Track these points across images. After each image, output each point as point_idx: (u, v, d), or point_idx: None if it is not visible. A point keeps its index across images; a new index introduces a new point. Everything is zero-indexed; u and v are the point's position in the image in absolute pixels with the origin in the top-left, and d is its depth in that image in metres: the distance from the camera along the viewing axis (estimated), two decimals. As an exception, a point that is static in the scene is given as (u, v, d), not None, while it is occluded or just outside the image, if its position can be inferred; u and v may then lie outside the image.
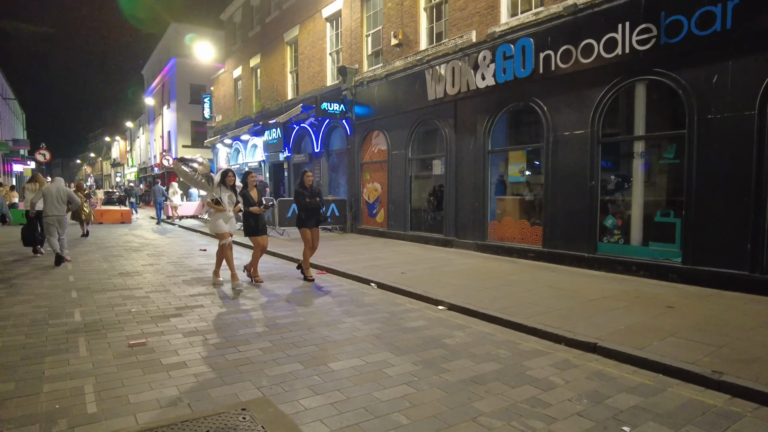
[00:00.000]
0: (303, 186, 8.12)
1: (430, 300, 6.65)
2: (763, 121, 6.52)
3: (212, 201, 7.50)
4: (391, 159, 13.44)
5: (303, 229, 8.18)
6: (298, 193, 8.08)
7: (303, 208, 8.11)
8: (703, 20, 6.93)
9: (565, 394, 3.73)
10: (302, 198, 8.04)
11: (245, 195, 7.84)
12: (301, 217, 8.21)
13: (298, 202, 8.13)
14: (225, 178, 7.56)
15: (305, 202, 8.04)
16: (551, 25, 8.91)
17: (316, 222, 8.31)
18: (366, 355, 4.51)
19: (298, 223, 8.26)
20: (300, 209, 8.17)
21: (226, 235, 7.54)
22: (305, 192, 8.08)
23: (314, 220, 8.24)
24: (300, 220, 8.22)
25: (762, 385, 3.72)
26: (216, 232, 7.64)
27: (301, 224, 8.20)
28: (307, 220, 8.15)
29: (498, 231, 10.59)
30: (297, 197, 8.13)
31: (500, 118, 10.44)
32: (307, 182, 8.13)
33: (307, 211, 8.11)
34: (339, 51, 16.04)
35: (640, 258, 7.92)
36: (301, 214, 8.19)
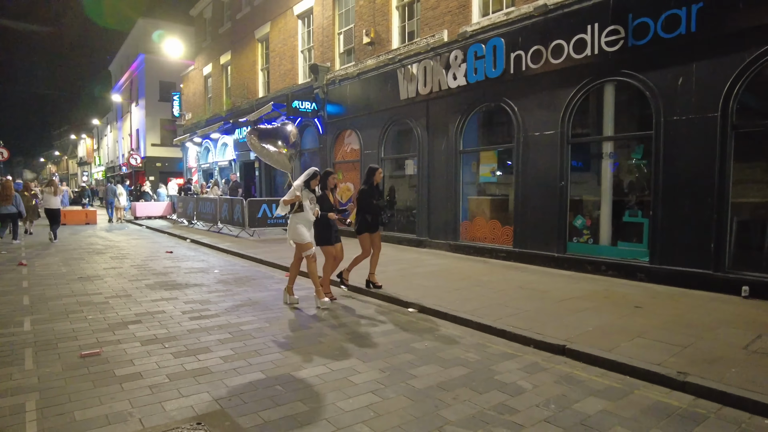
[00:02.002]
0: (371, 185, 7.08)
1: (400, 302, 6.55)
2: (725, 123, 6.64)
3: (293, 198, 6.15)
4: (363, 158, 13.30)
5: (364, 235, 7.08)
6: (366, 193, 7.03)
7: (371, 210, 7.02)
8: (668, 23, 7.02)
9: (533, 399, 3.67)
10: (370, 198, 7.01)
11: (323, 197, 6.63)
12: (365, 221, 7.04)
13: (365, 202, 7.02)
14: (312, 181, 6.36)
15: (374, 204, 7.02)
16: (522, 25, 8.92)
17: (378, 225, 7.22)
18: (331, 363, 4.37)
19: (360, 228, 7.07)
20: (368, 212, 7.02)
21: (310, 245, 6.36)
22: (374, 192, 7.10)
23: (378, 223, 7.18)
24: (364, 225, 7.06)
25: (724, 386, 3.74)
26: (297, 242, 6.35)
27: (364, 229, 7.07)
28: (372, 224, 7.08)
29: (470, 231, 10.57)
30: (365, 197, 7.03)
31: (472, 118, 10.42)
32: (377, 180, 7.12)
33: (375, 214, 7.08)
34: (311, 49, 15.82)
35: (609, 258, 7.99)
36: (367, 218, 7.03)
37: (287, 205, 6.16)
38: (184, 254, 11.69)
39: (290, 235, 6.41)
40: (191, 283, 8.06)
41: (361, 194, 7.12)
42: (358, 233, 7.14)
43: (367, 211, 7.02)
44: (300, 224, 6.30)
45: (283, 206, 6.17)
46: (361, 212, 7.08)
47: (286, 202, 6.14)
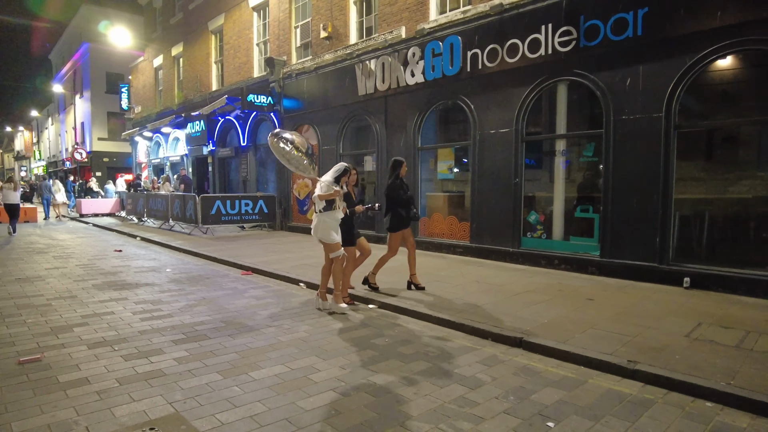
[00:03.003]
0: (400, 178, 6.72)
1: (360, 299, 6.52)
2: (669, 123, 6.97)
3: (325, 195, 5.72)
4: (322, 154, 13.16)
5: (398, 233, 6.69)
6: (396, 187, 6.65)
7: (403, 204, 6.65)
8: (617, 26, 7.29)
9: (493, 391, 3.73)
10: (401, 191, 6.64)
11: (347, 195, 6.27)
12: (400, 216, 6.63)
13: (396, 196, 6.63)
14: (343, 177, 5.94)
15: (405, 198, 6.67)
16: (478, 24, 9.05)
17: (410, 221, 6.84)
18: (291, 361, 4.29)
19: (395, 225, 6.66)
20: (400, 206, 6.63)
21: (339, 246, 5.97)
22: (403, 185, 6.75)
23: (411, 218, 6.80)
24: (398, 220, 6.65)
25: (670, 372, 3.92)
26: (326, 242, 5.91)
27: (400, 225, 6.68)
28: (406, 220, 6.70)
29: (428, 227, 10.66)
30: (395, 191, 6.64)
31: (430, 116, 10.50)
32: (403, 173, 6.76)
33: (407, 208, 6.71)
34: (266, 42, 15.49)
35: (562, 252, 8.25)
36: (401, 213, 6.63)
37: (322, 201, 5.75)
38: (134, 253, 11.21)
39: (320, 234, 5.89)
40: (142, 282, 7.74)
41: (390, 188, 6.68)
42: (392, 231, 6.72)
43: (399, 205, 6.61)
44: (330, 223, 5.86)
45: (318, 202, 5.77)
46: (392, 207, 6.65)
47: (322, 197, 5.71)
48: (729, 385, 3.67)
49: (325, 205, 5.77)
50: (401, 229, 6.68)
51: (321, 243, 5.99)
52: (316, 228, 5.90)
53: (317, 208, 5.79)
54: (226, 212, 14.01)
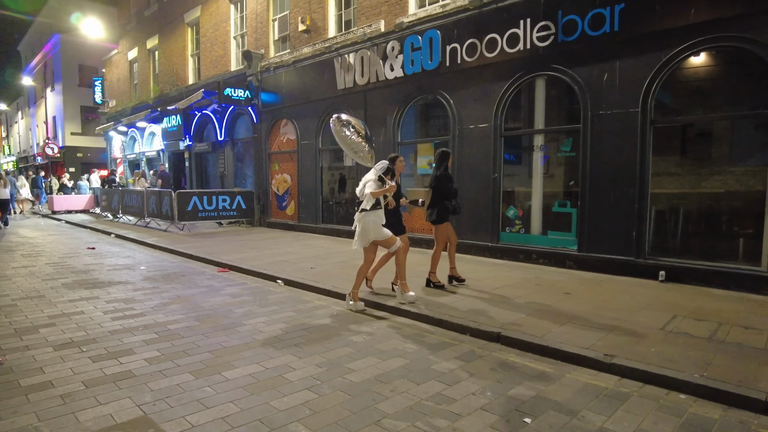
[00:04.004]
0: (447, 169, 6.63)
1: (339, 295, 6.44)
2: (645, 118, 7.03)
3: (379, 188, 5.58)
4: (300, 149, 13.01)
5: (445, 224, 6.65)
6: (446, 178, 6.54)
7: (452, 195, 6.60)
8: (595, 21, 7.32)
9: (470, 387, 3.70)
10: (450, 183, 6.56)
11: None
12: (446, 208, 6.57)
13: (445, 188, 6.52)
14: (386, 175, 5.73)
15: (455, 190, 6.65)
16: (457, 18, 9.00)
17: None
18: (266, 360, 4.20)
19: (442, 216, 6.57)
20: (447, 197, 6.55)
21: (395, 239, 5.84)
22: (451, 177, 6.69)
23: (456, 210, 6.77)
24: (446, 212, 6.58)
25: (645, 365, 3.95)
26: (380, 239, 5.77)
27: (446, 217, 6.62)
28: (452, 211, 6.67)
29: (408, 222, 10.60)
30: (444, 182, 6.52)
31: (409, 110, 10.44)
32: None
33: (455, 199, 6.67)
34: (244, 35, 15.22)
35: (540, 246, 8.29)
36: (447, 204, 6.56)
37: (374, 198, 5.61)
38: (107, 250, 10.93)
39: (374, 236, 5.72)
40: (115, 280, 7.53)
41: (440, 180, 6.54)
42: (438, 223, 6.62)
43: (447, 197, 6.53)
44: (377, 221, 5.71)
45: (370, 200, 5.60)
46: (440, 199, 6.55)
47: (375, 194, 5.57)
48: (702, 377, 3.71)
49: (374, 203, 5.65)
50: (446, 221, 6.64)
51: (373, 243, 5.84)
52: (366, 231, 5.70)
53: (365, 205, 5.64)
54: (203, 208, 13.77)
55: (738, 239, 6.93)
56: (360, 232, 5.76)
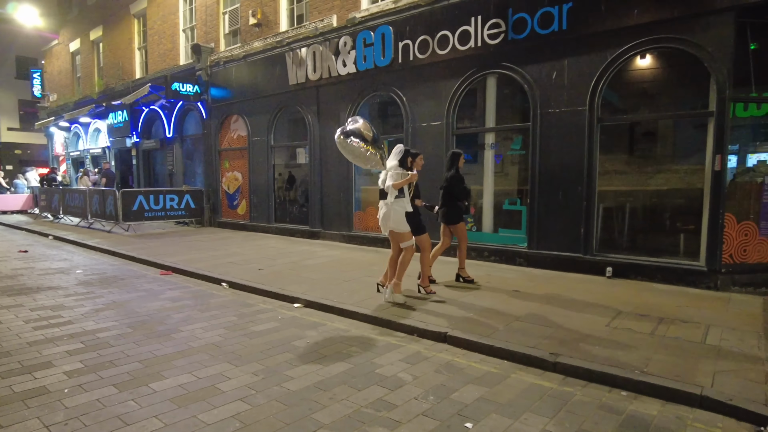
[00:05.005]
0: (458, 169, 6.61)
1: (286, 298, 6.21)
2: (592, 117, 7.12)
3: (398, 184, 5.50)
4: (252, 146, 12.62)
5: (461, 224, 6.64)
6: (458, 179, 6.52)
7: (465, 195, 6.58)
8: (544, 19, 7.36)
9: (413, 391, 3.58)
10: (462, 183, 6.55)
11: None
12: (459, 208, 6.57)
13: (458, 188, 6.50)
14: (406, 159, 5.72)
15: (467, 190, 6.63)
16: (410, 14, 8.89)
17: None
18: (199, 369, 3.94)
19: (456, 216, 6.56)
20: (460, 198, 6.54)
21: (411, 236, 5.76)
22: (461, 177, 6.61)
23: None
24: (458, 212, 6.58)
25: (589, 363, 3.94)
26: (398, 231, 5.63)
27: (461, 216, 6.62)
28: (465, 211, 6.68)
29: (363, 221, 10.46)
30: (457, 183, 6.50)
31: (363, 107, 10.27)
32: (460, 165, 6.62)
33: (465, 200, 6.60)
34: (193, 28, 14.65)
35: (492, 244, 8.30)
36: (460, 205, 6.56)
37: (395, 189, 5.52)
38: (42, 253, 10.25)
39: (392, 224, 5.62)
40: (45, 286, 7.03)
41: (453, 180, 6.52)
42: (455, 223, 6.59)
43: (459, 197, 6.53)
44: (401, 211, 5.60)
45: (392, 192, 5.52)
46: (452, 199, 6.55)
47: (397, 185, 5.49)
48: (642, 374, 3.72)
49: (398, 194, 5.55)
50: (461, 221, 6.63)
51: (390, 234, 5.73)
52: (387, 217, 5.61)
53: (389, 198, 5.54)
54: (150, 208, 13.15)
55: (679, 235, 7.13)
56: (382, 217, 5.70)
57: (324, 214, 11.02)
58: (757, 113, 6.79)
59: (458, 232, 6.69)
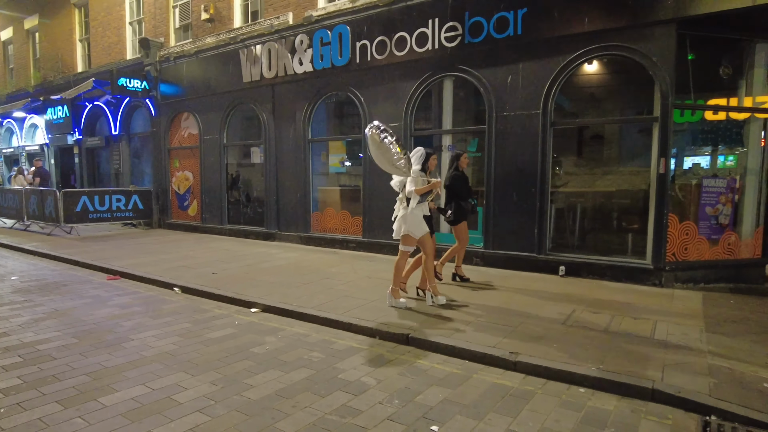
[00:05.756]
0: (459, 170, 6.60)
1: (242, 302, 6.03)
2: (545, 120, 7.33)
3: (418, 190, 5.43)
4: (203, 145, 12.22)
5: (463, 224, 6.64)
6: (460, 179, 6.54)
7: (468, 195, 6.59)
8: (499, 24, 7.50)
9: (377, 396, 3.55)
10: (466, 184, 6.57)
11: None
12: (463, 208, 6.56)
13: (461, 188, 6.52)
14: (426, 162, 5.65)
15: (470, 189, 6.67)
16: (367, 14, 8.86)
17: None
18: (153, 380, 3.76)
19: (459, 216, 6.53)
20: (462, 198, 6.54)
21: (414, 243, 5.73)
22: (463, 177, 6.62)
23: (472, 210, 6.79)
24: (462, 212, 6.56)
25: (548, 361, 4.03)
26: (415, 235, 5.56)
27: (463, 217, 6.60)
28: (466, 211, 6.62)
29: (321, 222, 10.34)
30: (460, 183, 6.53)
31: (320, 107, 10.15)
32: (462, 166, 6.63)
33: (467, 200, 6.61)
34: (141, 21, 14.03)
35: (449, 245, 8.36)
36: (462, 204, 6.55)
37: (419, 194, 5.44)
38: (-28, 258, 9.52)
39: (407, 228, 5.50)
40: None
41: (455, 180, 6.55)
42: (456, 223, 6.60)
43: (462, 197, 6.52)
44: (420, 216, 5.53)
45: (414, 197, 5.42)
46: (455, 199, 6.55)
47: (420, 191, 5.41)
48: (599, 370, 3.85)
49: (420, 199, 5.49)
50: (464, 221, 6.65)
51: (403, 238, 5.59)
52: (404, 221, 5.51)
53: (412, 203, 5.44)
54: (95, 209, 12.49)
55: (627, 235, 7.47)
56: (396, 224, 5.64)
57: (280, 214, 10.82)
58: (692, 119, 7.22)
59: (459, 232, 6.74)
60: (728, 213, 6.93)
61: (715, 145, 7.42)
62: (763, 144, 7.10)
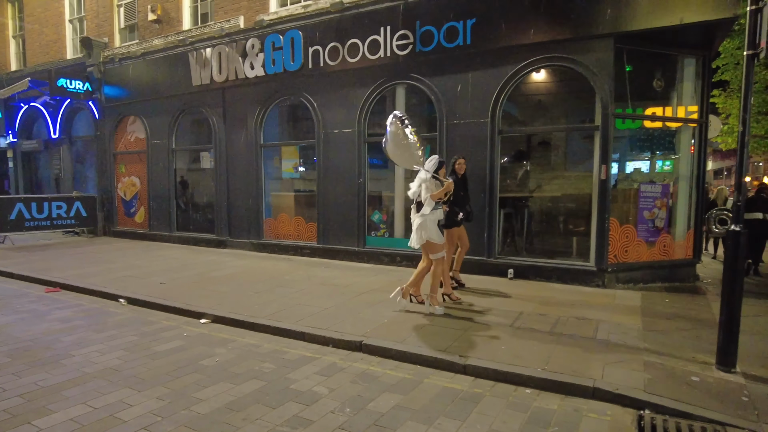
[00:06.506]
0: (456, 174, 6.48)
1: (191, 313, 5.87)
2: (494, 128, 7.55)
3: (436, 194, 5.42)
4: (151, 149, 11.82)
5: (452, 230, 6.44)
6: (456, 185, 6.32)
7: (458, 202, 6.38)
8: (450, 33, 7.67)
9: (329, 405, 3.55)
10: (458, 190, 6.35)
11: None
12: (454, 213, 6.36)
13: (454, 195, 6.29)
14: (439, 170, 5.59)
15: (462, 196, 6.47)
16: (320, 20, 8.85)
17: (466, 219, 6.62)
18: (96, 398, 3.61)
19: (449, 222, 6.33)
20: (456, 203, 6.34)
21: (443, 247, 5.74)
22: (461, 183, 6.51)
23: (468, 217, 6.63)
24: (452, 217, 6.35)
25: (496, 363, 4.16)
26: (434, 242, 5.55)
27: (453, 222, 6.41)
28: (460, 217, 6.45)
29: (274, 228, 10.21)
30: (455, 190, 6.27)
31: (272, 111, 10.04)
32: (459, 171, 6.49)
33: (462, 206, 6.48)
34: (83, 19, 13.42)
35: (404, 249, 8.48)
36: (455, 209, 6.36)
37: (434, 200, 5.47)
38: None
39: (427, 235, 5.51)
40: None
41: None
42: (446, 228, 6.36)
43: (455, 202, 6.38)
44: (434, 221, 5.58)
45: (431, 202, 5.45)
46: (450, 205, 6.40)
47: (435, 196, 5.45)
48: (544, 371, 4.00)
49: (435, 205, 5.51)
50: (454, 227, 6.51)
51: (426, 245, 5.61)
52: (423, 228, 5.52)
53: (425, 209, 5.47)
54: (32, 216, 11.83)
55: (572, 238, 7.79)
56: (415, 232, 5.60)
57: (231, 221, 10.61)
58: (633, 126, 7.66)
59: (450, 237, 6.62)
60: (663, 216, 7.36)
61: (653, 152, 7.88)
62: (693, 151, 7.60)
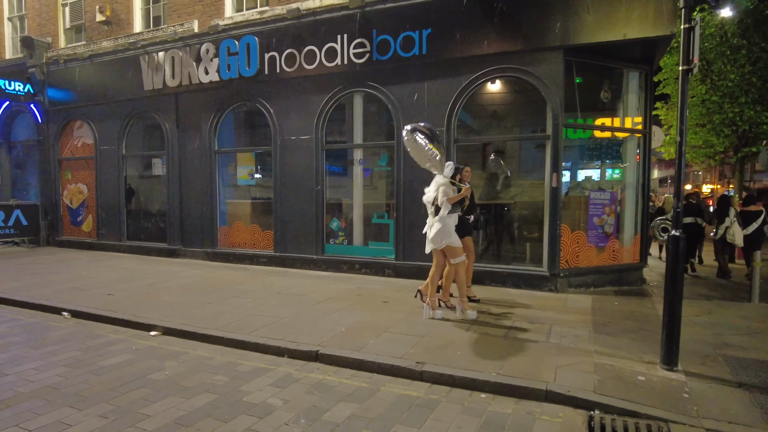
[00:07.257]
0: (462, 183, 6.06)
1: (141, 326, 5.64)
2: (449, 136, 7.67)
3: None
4: (99, 155, 11.35)
5: (465, 239, 6.15)
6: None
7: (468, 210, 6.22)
8: (406, 43, 7.76)
9: (283, 417, 3.48)
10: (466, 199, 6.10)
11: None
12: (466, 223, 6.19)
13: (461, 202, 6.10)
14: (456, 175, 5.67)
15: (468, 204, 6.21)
16: (276, 26, 8.77)
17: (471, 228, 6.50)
18: (30, 420, 3.39)
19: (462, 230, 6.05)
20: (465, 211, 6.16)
21: (462, 251, 5.76)
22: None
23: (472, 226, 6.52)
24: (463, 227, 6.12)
25: (452, 369, 4.19)
26: (453, 246, 5.60)
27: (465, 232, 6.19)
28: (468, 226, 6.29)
29: (229, 237, 9.97)
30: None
31: (227, 117, 9.85)
32: (466, 179, 6.10)
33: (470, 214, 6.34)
34: (23, 17, 12.80)
35: (362, 257, 8.47)
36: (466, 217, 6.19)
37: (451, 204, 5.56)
38: None
39: (446, 239, 5.59)
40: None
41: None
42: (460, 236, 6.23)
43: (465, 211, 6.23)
44: (452, 225, 5.64)
45: (447, 205, 5.54)
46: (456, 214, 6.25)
47: (452, 200, 5.54)
48: (498, 375, 4.06)
49: (451, 208, 5.58)
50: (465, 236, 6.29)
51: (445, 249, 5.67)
52: (442, 233, 5.59)
53: (442, 212, 5.55)
54: None
55: (526, 244, 7.99)
56: (434, 236, 5.65)
57: (184, 229, 10.30)
58: (584, 136, 7.96)
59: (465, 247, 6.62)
60: (612, 223, 7.66)
61: (603, 161, 8.20)
62: (638, 160, 7.96)
